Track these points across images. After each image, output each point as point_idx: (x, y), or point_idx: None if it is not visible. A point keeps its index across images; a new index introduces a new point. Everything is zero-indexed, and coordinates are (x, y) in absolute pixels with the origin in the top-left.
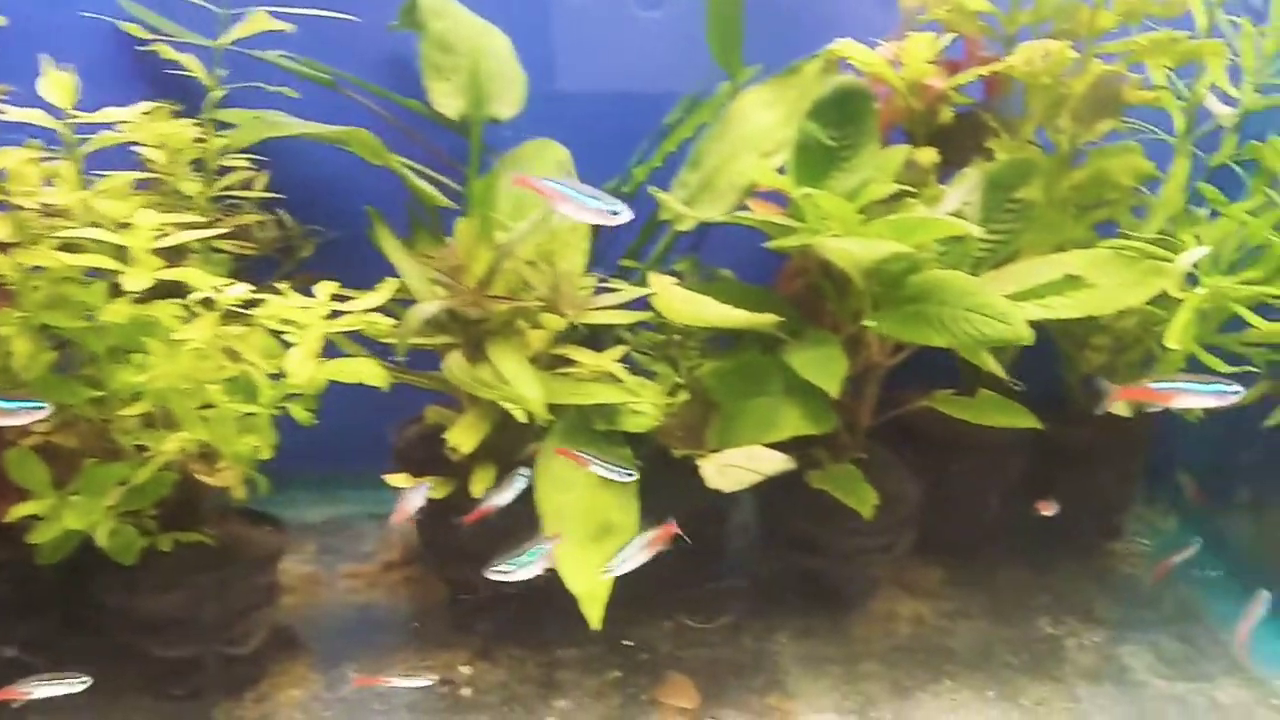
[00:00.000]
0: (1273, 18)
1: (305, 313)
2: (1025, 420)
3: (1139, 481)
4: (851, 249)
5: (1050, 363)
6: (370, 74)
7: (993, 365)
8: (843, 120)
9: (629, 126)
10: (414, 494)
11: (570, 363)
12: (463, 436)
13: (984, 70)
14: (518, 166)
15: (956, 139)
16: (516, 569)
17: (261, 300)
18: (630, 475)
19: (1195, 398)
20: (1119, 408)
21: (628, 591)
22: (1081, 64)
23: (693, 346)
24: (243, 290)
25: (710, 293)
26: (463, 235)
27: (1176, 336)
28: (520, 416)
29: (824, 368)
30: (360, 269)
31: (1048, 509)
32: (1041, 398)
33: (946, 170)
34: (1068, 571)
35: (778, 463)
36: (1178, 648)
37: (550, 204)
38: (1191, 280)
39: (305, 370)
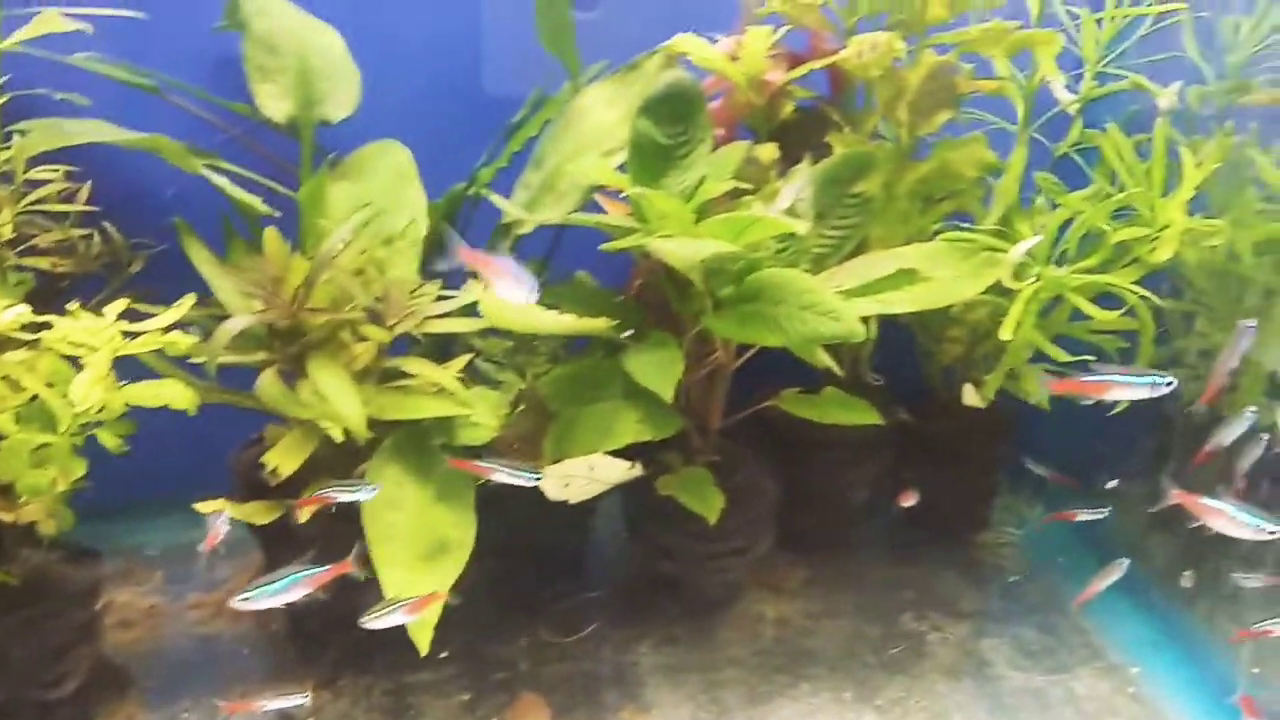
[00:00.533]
0: (1109, 5)
1: (94, 334)
2: (868, 417)
3: (1002, 471)
4: (677, 249)
5: (914, 356)
6: (205, 77)
7: (826, 361)
8: (675, 118)
9: (478, 125)
10: (220, 520)
11: (405, 375)
12: (283, 457)
13: (818, 64)
14: (356, 170)
15: (800, 134)
16: (266, 596)
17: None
18: (536, 478)
19: (1128, 389)
20: (973, 399)
21: (485, 608)
22: (915, 56)
23: (543, 352)
24: (18, 314)
25: (555, 296)
26: (270, 245)
27: (1011, 328)
28: (337, 436)
29: (659, 372)
30: (196, 283)
31: (908, 499)
32: (906, 391)
33: (792, 166)
34: (934, 564)
35: (621, 471)
36: (1039, 639)
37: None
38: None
39: (92, 395)
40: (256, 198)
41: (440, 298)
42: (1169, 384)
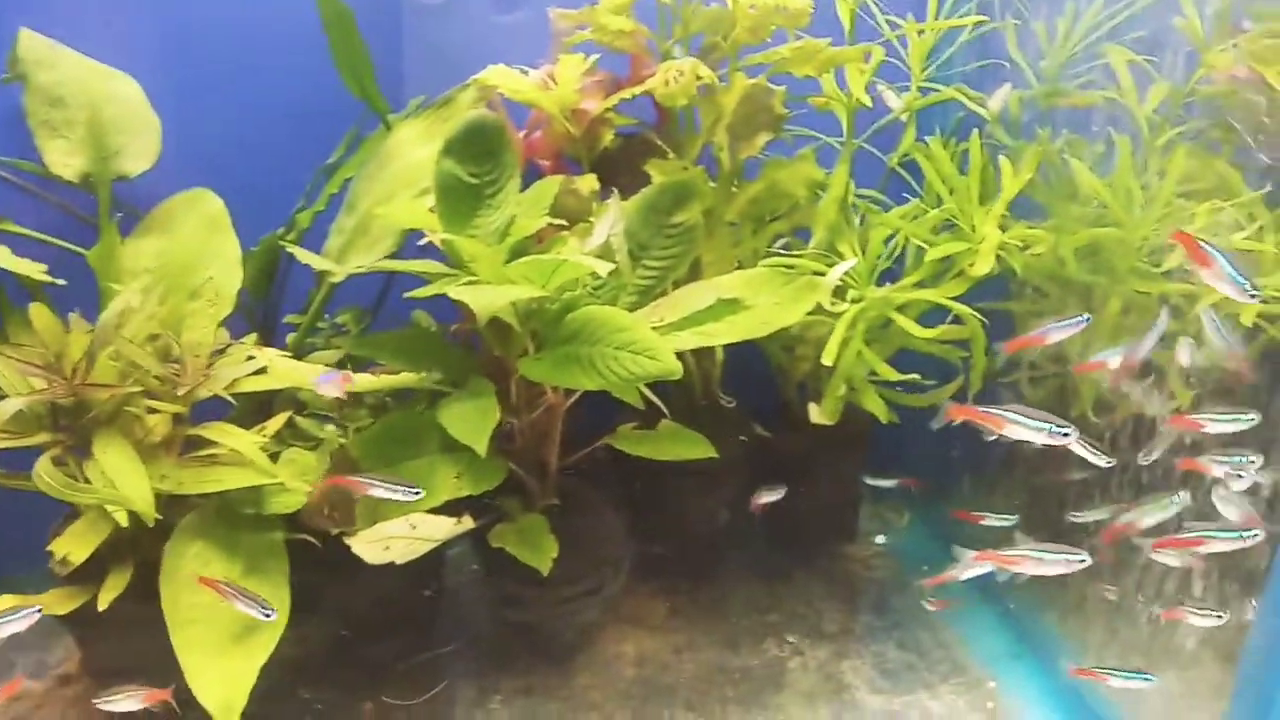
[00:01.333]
0: (930, 15)
1: None
2: (702, 450)
3: (863, 481)
4: (475, 297)
5: (769, 374)
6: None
7: (647, 397)
8: (480, 156)
9: (295, 169)
10: (22, 616)
11: (211, 444)
12: (73, 545)
13: (628, 93)
14: (164, 222)
15: (625, 162)
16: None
17: None
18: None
19: (1024, 430)
20: (819, 416)
21: (326, 676)
22: (728, 79)
23: (368, 404)
24: None
25: (371, 346)
26: (39, 321)
27: (833, 353)
28: (122, 520)
29: (473, 423)
30: None
31: (765, 499)
32: (765, 408)
33: (621, 194)
34: (801, 582)
35: (446, 528)
36: (900, 656)
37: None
38: None
39: None
40: (39, 265)
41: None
42: (1064, 433)
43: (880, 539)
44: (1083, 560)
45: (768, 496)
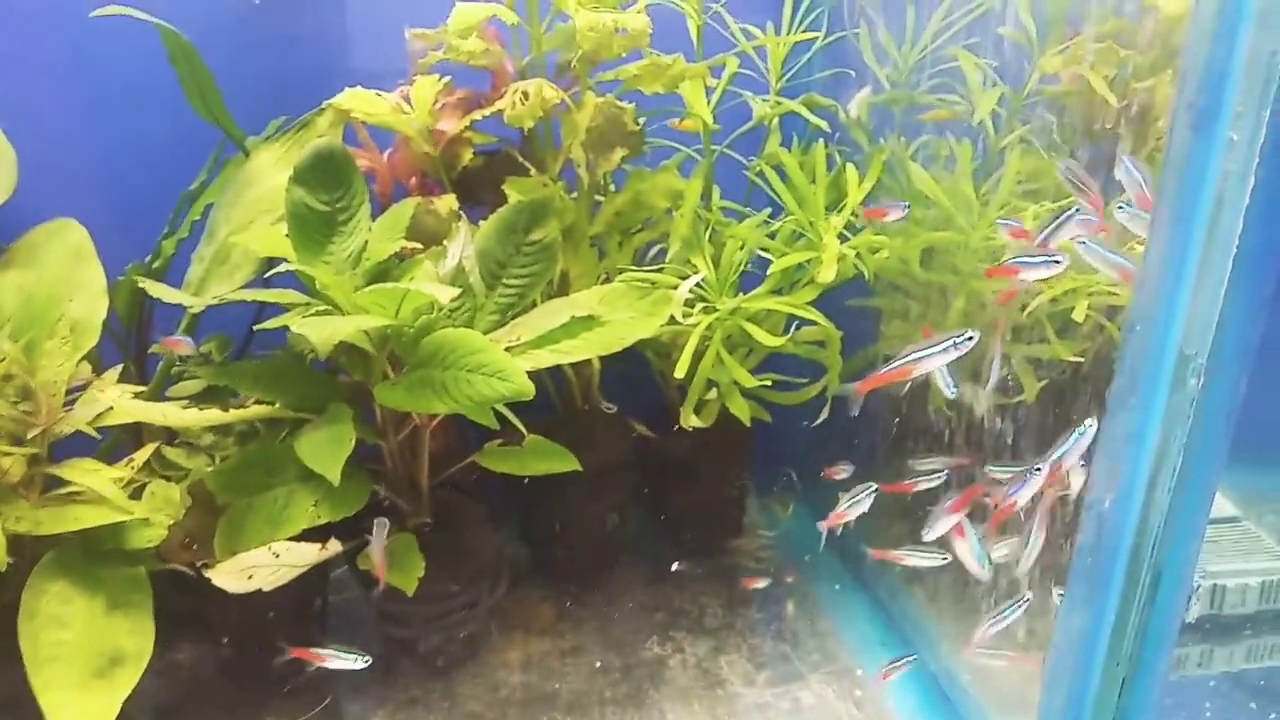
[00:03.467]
0: (785, 24)
1: None
2: (567, 464)
3: (749, 478)
4: (313, 331)
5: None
6: None
7: (501, 418)
8: (330, 183)
9: (159, 195)
10: None
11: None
12: None
13: (479, 114)
14: (26, 255)
15: (488, 180)
16: None
17: None
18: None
19: (933, 360)
20: (693, 420)
21: (210, 696)
22: (579, 97)
23: (237, 431)
24: None
25: (233, 374)
26: None
27: (685, 365)
28: None
29: (327, 451)
30: None
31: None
32: (650, 411)
33: (484, 212)
34: (686, 581)
35: (311, 554)
36: (775, 648)
37: None
38: None
39: None
40: None
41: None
42: (969, 339)
43: (766, 532)
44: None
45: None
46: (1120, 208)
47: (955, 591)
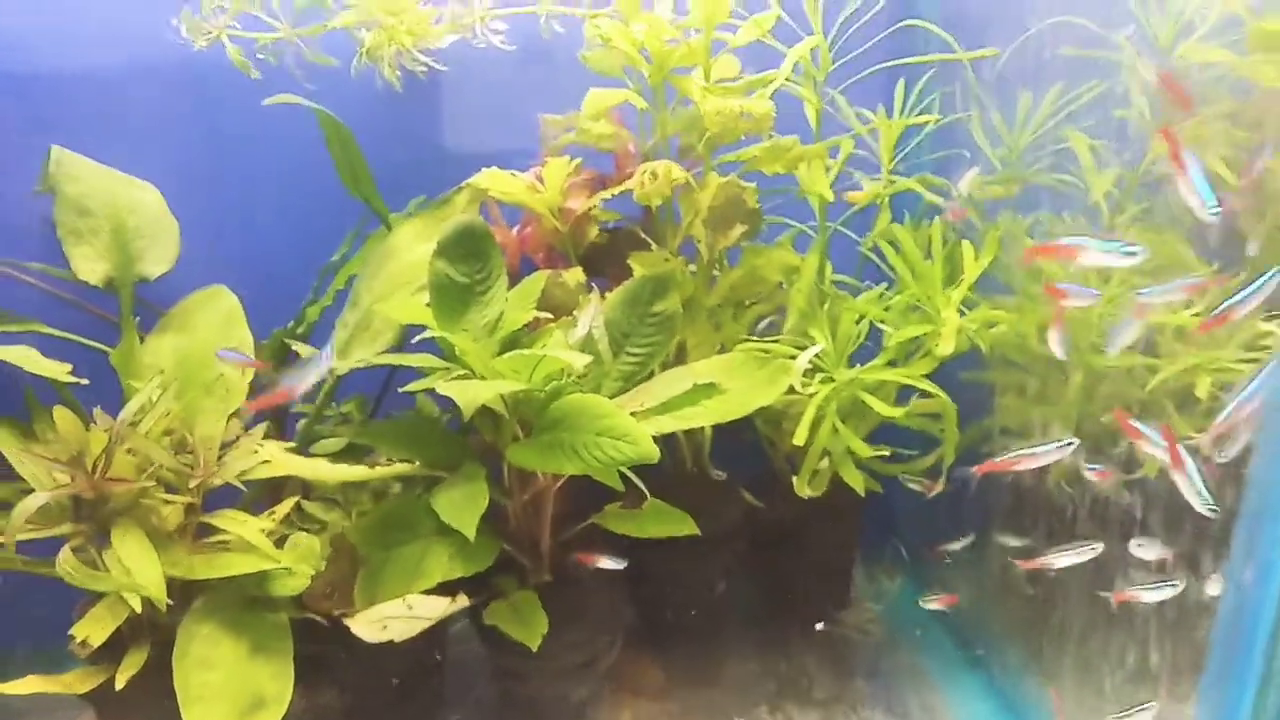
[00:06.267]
0: (896, 107)
1: None
2: (684, 527)
3: (857, 548)
4: (461, 392)
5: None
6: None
7: (621, 484)
8: (469, 257)
9: (305, 265)
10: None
11: (221, 530)
12: (92, 628)
13: (608, 193)
14: (181, 320)
15: (612, 254)
16: None
17: None
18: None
19: (1042, 458)
20: (804, 489)
21: None
22: (703, 177)
23: (371, 488)
24: None
25: (372, 434)
26: (62, 423)
27: (804, 433)
28: (135, 605)
29: (463, 508)
30: None
31: None
32: (757, 479)
33: (606, 285)
34: (796, 651)
35: (442, 606)
36: None
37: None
38: None
39: None
40: (64, 366)
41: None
42: (1070, 444)
43: (873, 605)
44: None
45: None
46: None
47: (1075, 675)
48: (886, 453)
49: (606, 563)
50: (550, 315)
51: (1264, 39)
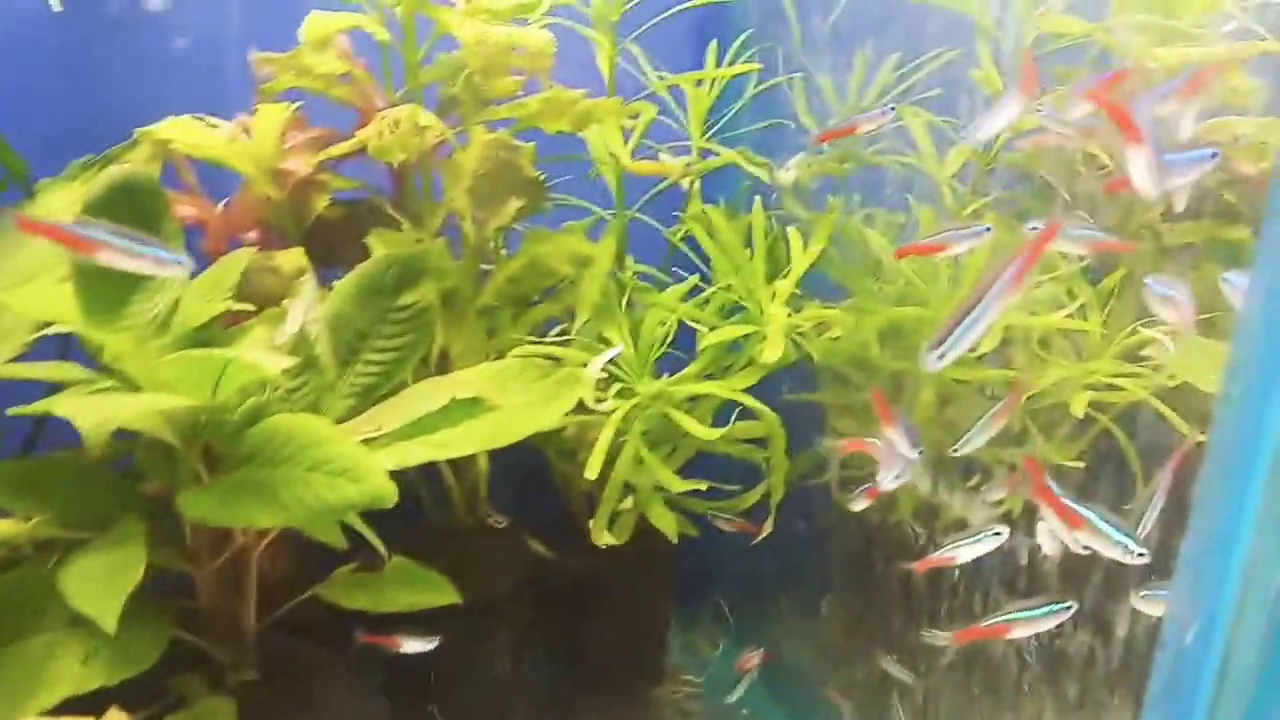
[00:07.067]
0: (709, 69)
1: None
2: (441, 595)
3: (672, 607)
4: (82, 413)
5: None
6: None
7: (337, 537)
8: (130, 222)
9: None
10: None
11: None
12: None
13: (338, 150)
14: None
15: (349, 235)
16: None
17: None
18: None
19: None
20: (605, 536)
21: None
22: (468, 135)
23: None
24: None
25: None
26: None
27: (597, 464)
28: None
29: (104, 585)
30: None
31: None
32: (551, 522)
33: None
34: None
35: None
36: None
37: None
38: None
39: None
40: None
41: None
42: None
43: (693, 677)
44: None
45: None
46: None
47: None
48: (703, 487)
49: (412, 645)
50: (255, 310)
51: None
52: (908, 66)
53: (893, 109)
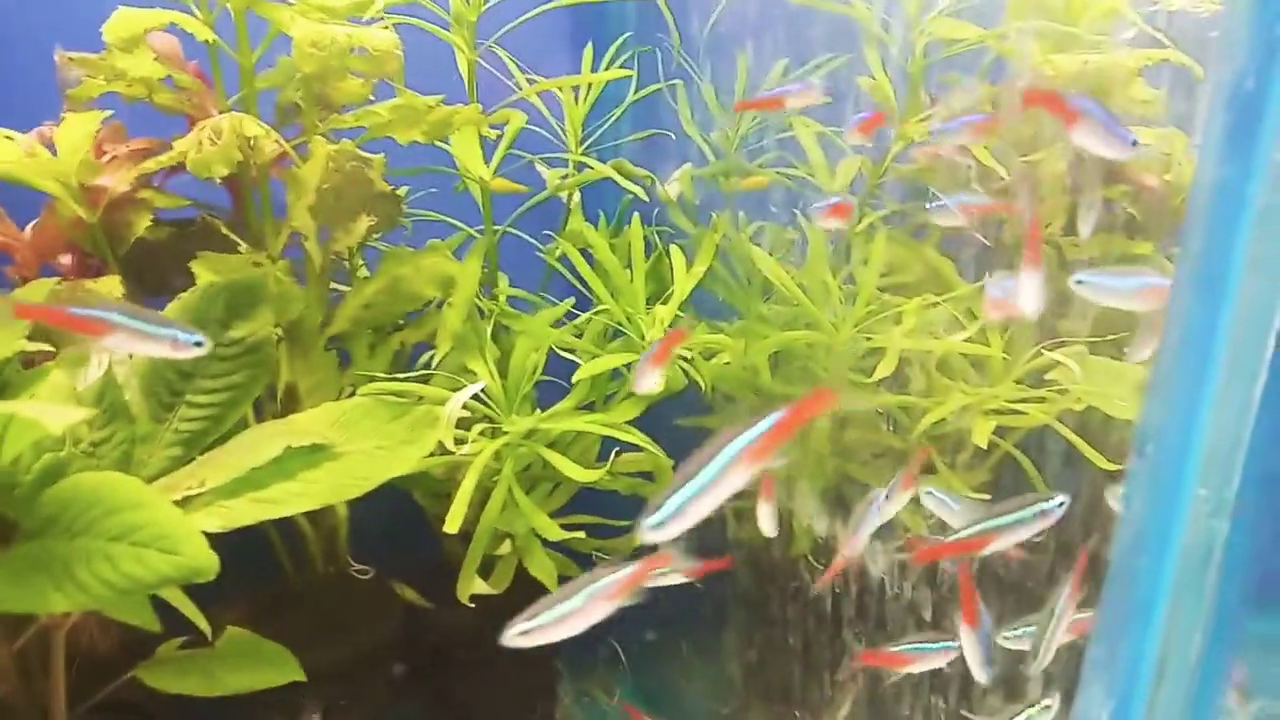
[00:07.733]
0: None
1: None
2: (282, 672)
3: (560, 657)
4: None
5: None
6: None
7: (150, 618)
8: None
9: None
10: None
11: None
12: None
13: (155, 164)
14: None
15: (179, 260)
16: None
17: None
18: None
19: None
20: (479, 585)
21: None
22: (309, 146)
23: None
24: None
25: None
26: None
27: (457, 518)
28: None
29: None
30: None
31: None
32: (423, 570)
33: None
34: None
35: None
36: None
37: None
38: None
39: None
40: None
41: None
42: (1060, 504)
43: None
44: None
45: None
46: None
47: None
48: (580, 535)
49: None
50: (54, 350)
51: (1023, 9)
52: (794, 74)
53: (821, 83)
